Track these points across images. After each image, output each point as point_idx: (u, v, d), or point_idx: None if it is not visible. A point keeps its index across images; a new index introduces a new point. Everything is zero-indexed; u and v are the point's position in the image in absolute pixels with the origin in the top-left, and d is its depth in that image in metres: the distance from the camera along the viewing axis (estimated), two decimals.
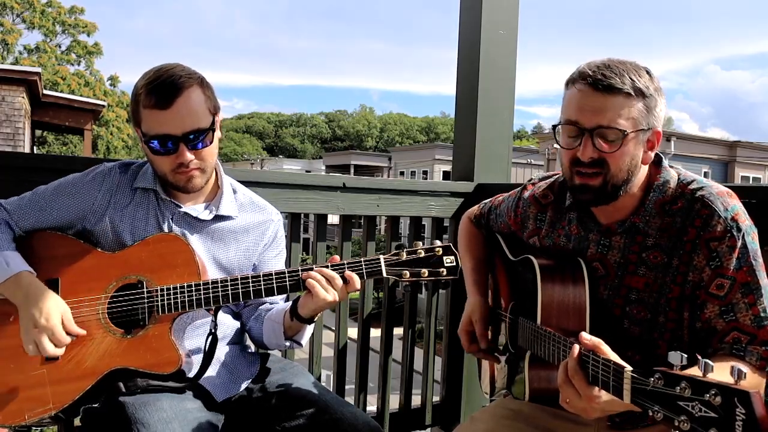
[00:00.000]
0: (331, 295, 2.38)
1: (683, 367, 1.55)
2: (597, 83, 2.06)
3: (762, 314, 2.02)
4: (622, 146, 2.07)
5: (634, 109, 2.06)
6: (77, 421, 2.49)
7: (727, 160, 37.37)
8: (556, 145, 2.29)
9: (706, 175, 33.90)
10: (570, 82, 2.14)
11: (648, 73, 2.12)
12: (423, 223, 4.32)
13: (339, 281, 2.38)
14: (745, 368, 1.48)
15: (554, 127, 2.20)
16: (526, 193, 2.61)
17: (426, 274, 2.42)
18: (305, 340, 2.70)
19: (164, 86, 2.36)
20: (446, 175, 39.40)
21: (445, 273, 2.42)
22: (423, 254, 2.42)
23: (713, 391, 1.43)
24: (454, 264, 2.43)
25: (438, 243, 2.44)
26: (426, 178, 43.57)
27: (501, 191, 2.86)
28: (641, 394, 1.58)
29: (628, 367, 1.64)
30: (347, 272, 2.39)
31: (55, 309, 2.30)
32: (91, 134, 22.74)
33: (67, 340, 2.32)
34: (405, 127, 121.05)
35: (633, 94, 2.05)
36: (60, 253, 2.46)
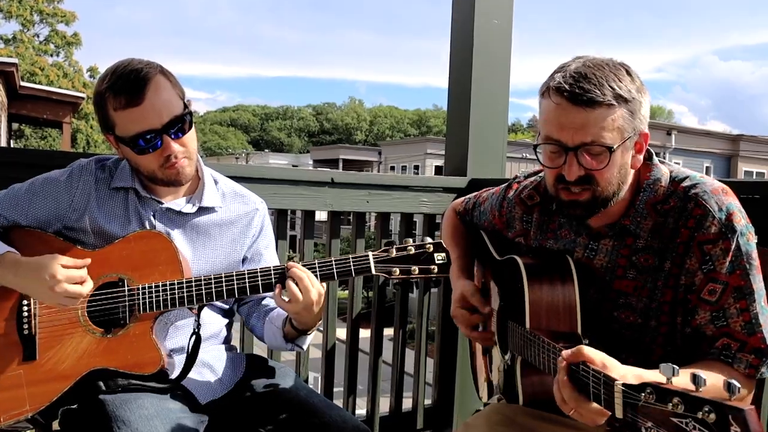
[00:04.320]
0: (302, 310, 2.39)
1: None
2: (576, 97, 1.98)
3: (753, 320, 2.00)
4: (609, 162, 2.03)
5: (618, 118, 2.00)
6: (56, 425, 2.48)
7: (730, 154, 37.47)
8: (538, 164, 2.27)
9: (707, 170, 34.06)
10: (545, 93, 2.07)
11: (628, 73, 2.05)
12: (414, 219, 4.31)
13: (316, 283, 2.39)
14: (738, 383, 1.45)
15: (535, 147, 2.15)
16: (511, 193, 2.58)
17: (416, 272, 2.41)
18: (306, 345, 2.71)
19: (130, 82, 2.35)
20: (438, 170, 39.39)
21: (436, 270, 2.41)
22: (413, 251, 2.41)
23: (707, 408, 1.39)
24: (446, 261, 2.42)
25: (429, 239, 2.44)
26: (417, 173, 43.58)
27: (495, 186, 2.85)
28: (633, 409, 1.55)
29: (619, 381, 1.59)
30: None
31: (52, 263, 2.28)
32: (70, 127, 22.67)
33: (83, 273, 2.31)
34: (395, 120, 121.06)
35: (615, 103, 1.99)
36: (38, 250, 2.43)
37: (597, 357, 1.74)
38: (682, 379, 1.52)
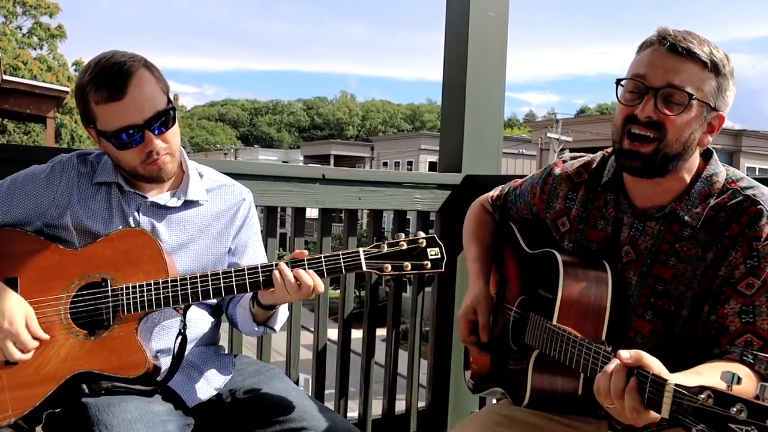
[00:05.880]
0: (293, 296, 2.38)
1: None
2: (676, 45, 2.08)
3: None
4: (684, 111, 2.09)
5: (706, 84, 2.10)
6: (39, 429, 2.47)
7: (732, 150, 37.32)
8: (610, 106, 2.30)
9: None
10: (644, 45, 2.18)
11: (726, 56, 2.14)
12: (408, 217, 4.30)
13: (307, 280, 2.37)
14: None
15: (618, 81, 2.21)
16: (557, 170, 2.60)
17: (409, 268, 2.40)
18: (278, 326, 2.70)
19: (112, 76, 2.34)
20: (432, 166, 39.33)
21: (429, 266, 2.41)
22: (405, 246, 2.40)
23: None
24: (439, 256, 2.41)
25: (422, 234, 2.43)
26: (411, 169, 43.50)
27: (491, 183, 2.86)
28: (684, 410, 1.57)
29: (671, 381, 1.63)
30: (311, 273, 2.38)
31: (18, 311, 2.28)
32: (54, 122, 22.61)
33: (34, 344, 2.30)
34: (388, 114, 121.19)
35: (709, 65, 2.08)
36: (19, 250, 2.43)
37: (654, 365, 1.76)
38: (743, 387, 1.54)
